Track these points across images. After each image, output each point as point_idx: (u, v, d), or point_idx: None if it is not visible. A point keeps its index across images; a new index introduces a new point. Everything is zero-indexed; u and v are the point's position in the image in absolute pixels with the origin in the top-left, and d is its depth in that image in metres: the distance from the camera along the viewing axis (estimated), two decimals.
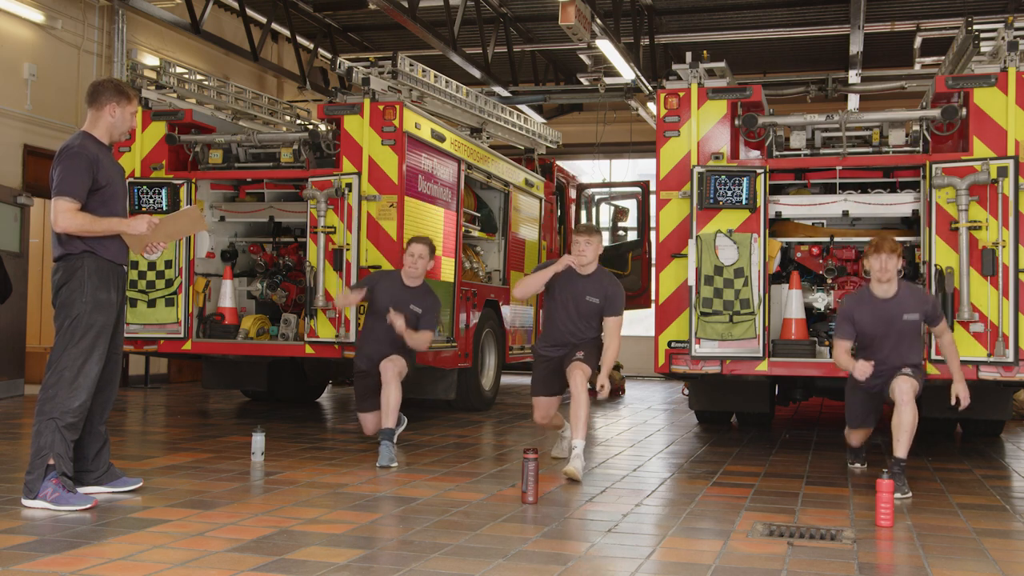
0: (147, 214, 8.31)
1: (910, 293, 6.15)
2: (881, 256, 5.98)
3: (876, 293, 6.10)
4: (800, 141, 7.75)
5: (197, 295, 8.67)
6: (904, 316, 6.06)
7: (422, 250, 7.05)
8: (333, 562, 3.93)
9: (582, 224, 6.47)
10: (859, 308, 6.14)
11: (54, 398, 4.96)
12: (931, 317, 6.14)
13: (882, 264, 5.98)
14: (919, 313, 6.08)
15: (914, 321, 6.08)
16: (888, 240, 6.01)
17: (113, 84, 5.24)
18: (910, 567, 4.16)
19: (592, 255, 6.33)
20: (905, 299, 6.09)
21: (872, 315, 6.08)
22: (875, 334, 6.09)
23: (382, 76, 8.71)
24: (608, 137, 16.93)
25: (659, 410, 10.92)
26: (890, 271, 5.99)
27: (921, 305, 6.11)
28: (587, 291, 6.36)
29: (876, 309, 6.08)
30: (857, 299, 6.22)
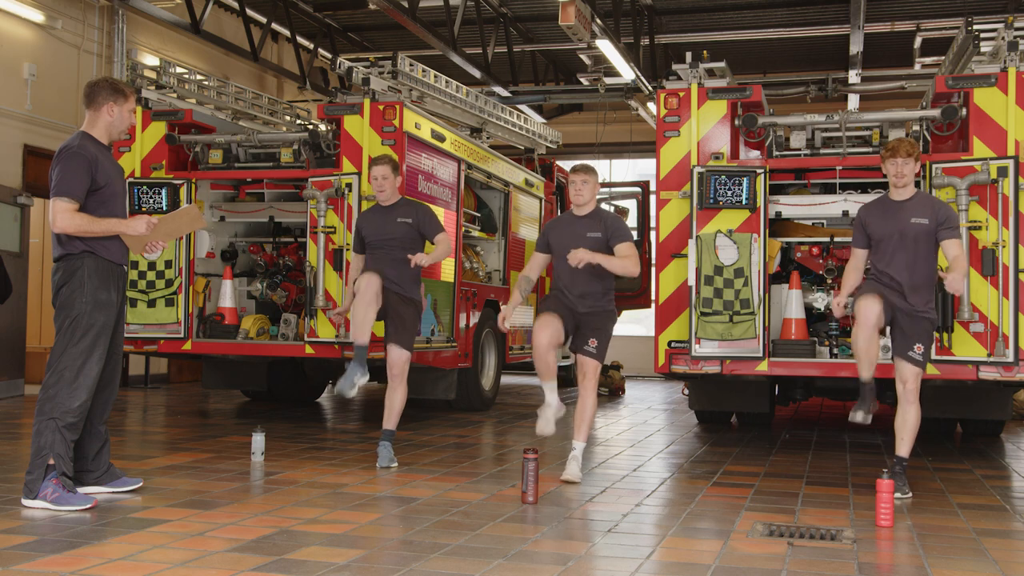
0: (146, 214, 8.35)
1: (924, 199, 5.94)
2: (897, 160, 5.78)
3: (892, 197, 5.93)
4: (800, 141, 7.75)
5: (197, 295, 8.67)
6: (912, 219, 5.80)
7: (383, 171, 6.75)
8: (333, 562, 3.93)
9: (579, 164, 6.30)
10: (871, 210, 5.99)
11: (54, 398, 4.96)
12: (940, 226, 5.76)
13: (898, 168, 5.78)
14: (928, 218, 5.78)
15: (923, 225, 5.78)
16: (905, 143, 5.80)
17: (109, 83, 5.24)
18: (910, 567, 4.16)
19: (589, 195, 6.16)
20: (917, 203, 5.85)
21: (882, 216, 5.89)
22: (883, 235, 5.86)
23: (382, 76, 8.71)
24: (608, 137, 16.93)
25: (659, 410, 10.92)
26: (906, 175, 5.79)
27: (932, 211, 5.81)
28: (587, 228, 6.16)
29: (887, 210, 5.89)
30: (871, 204, 6.08)
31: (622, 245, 6.10)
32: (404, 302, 6.68)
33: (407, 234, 6.76)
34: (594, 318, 6.16)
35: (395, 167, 6.85)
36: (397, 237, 6.74)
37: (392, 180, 6.79)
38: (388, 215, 6.81)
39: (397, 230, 6.75)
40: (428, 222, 6.84)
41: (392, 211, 6.82)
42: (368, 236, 6.83)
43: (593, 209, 6.25)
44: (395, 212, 6.82)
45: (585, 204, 6.20)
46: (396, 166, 6.87)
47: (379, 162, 6.82)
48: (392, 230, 6.75)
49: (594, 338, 6.13)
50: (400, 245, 6.72)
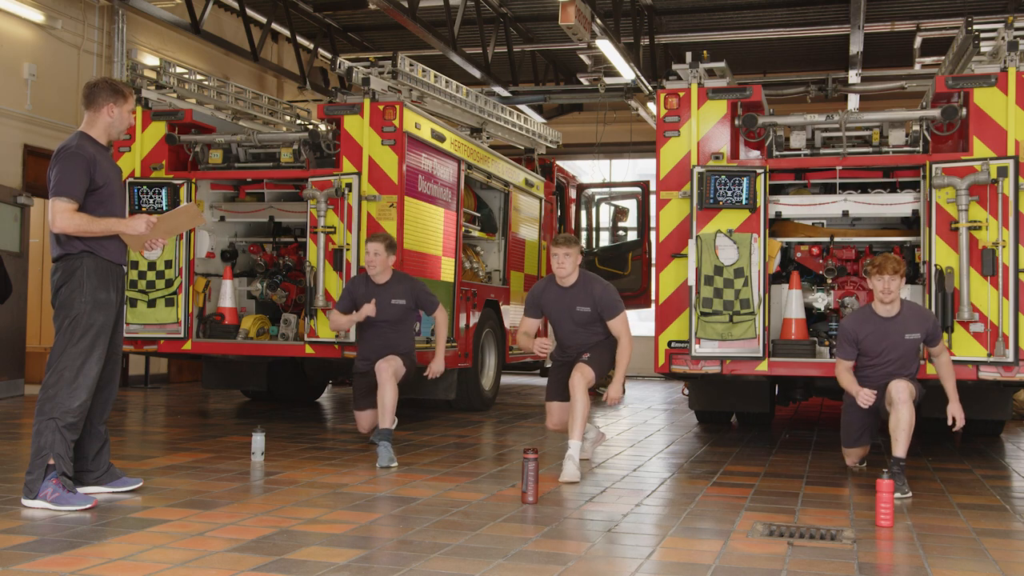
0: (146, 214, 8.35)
1: (912, 312, 6.16)
2: (884, 277, 5.97)
3: (879, 312, 6.10)
4: (800, 141, 7.75)
5: (197, 295, 8.67)
6: (906, 335, 6.07)
7: (376, 247, 7.01)
8: (333, 562, 3.93)
9: (559, 235, 6.47)
10: (862, 328, 6.13)
11: (54, 398, 4.96)
12: (931, 337, 6.14)
13: (885, 285, 5.98)
14: (920, 332, 6.09)
15: (915, 340, 6.10)
16: (891, 260, 5.99)
17: (108, 84, 5.23)
18: (910, 567, 4.16)
19: (571, 266, 6.35)
20: (907, 318, 6.10)
21: (875, 334, 6.09)
22: (877, 352, 6.10)
23: (382, 76, 8.71)
24: (608, 137, 16.93)
25: (659, 410, 10.92)
26: (893, 292, 5.99)
27: (923, 325, 6.11)
28: (576, 302, 6.39)
29: (879, 328, 6.09)
30: (859, 319, 6.21)
31: (615, 321, 6.41)
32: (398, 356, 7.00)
33: (402, 315, 7.08)
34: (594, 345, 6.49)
35: (390, 246, 7.07)
36: (390, 320, 7.06)
37: (384, 258, 7.02)
38: (381, 294, 7.05)
39: (391, 312, 7.05)
40: (424, 297, 7.15)
41: (384, 291, 7.05)
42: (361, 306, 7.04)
43: (579, 278, 6.43)
44: (389, 292, 7.05)
45: (567, 276, 6.39)
46: (392, 245, 7.10)
47: (375, 239, 7.07)
48: (386, 312, 7.03)
49: (589, 352, 6.42)
50: (393, 325, 7.08)
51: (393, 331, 7.10)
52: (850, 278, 7.98)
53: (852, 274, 7.98)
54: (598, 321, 6.43)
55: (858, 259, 7.96)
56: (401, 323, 7.14)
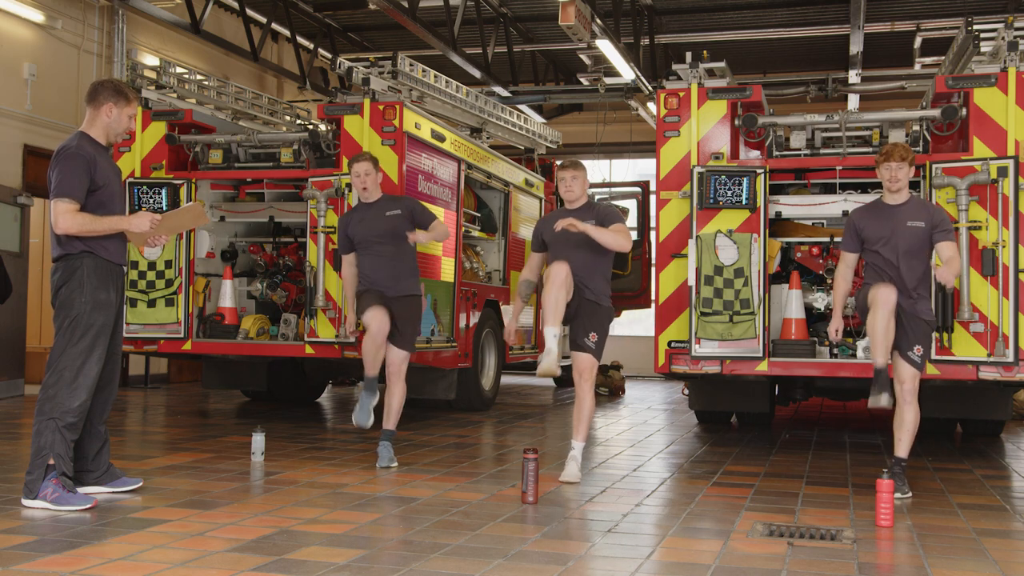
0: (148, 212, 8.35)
1: (918, 203, 5.96)
2: (891, 164, 5.78)
3: (886, 201, 5.94)
4: (800, 141, 7.75)
5: (197, 295, 8.67)
6: (908, 222, 5.81)
7: (364, 167, 6.67)
8: (333, 562, 3.93)
9: (567, 159, 6.29)
10: (865, 214, 5.98)
11: (54, 398, 4.96)
12: (937, 229, 5.79)
13: (892, 173, 5.79)
14: (924, 221, 5.80)
15: (919, 228, 5.80)
16: (898, 147, 5.79)
17: (112, 85, 5.23)
18: (910, 567, 4.16)
19: (579, 190, 6.20)
20: (912, 207, 5.88)
21: (877, 219, 5.90)
22: (878, 239, 5.87)
23: (382, 76, 8.71)
24: (608, 137, 16.93)
25: (659, 410, 10.92)
26: (900, 180, 5.79)
27: (927, 214, 5.84)
28: (581, 218, 6.09)
29: (882, 214, 5.90)
30: (864, 208, 6.06)
31: (613, 225, 6.10)
32: (404, 302, 6.66)
33: (398, 227, 6.68)
34: (595, 310, 6.14)
35: (376, 163, 6.81)
36: (388, 231, 6.66)
37: (375, 176, 6.74)
38: (374, 211, 6.75)
39: (386, 224, 6.68)
40: (419, 211, 6.81)
41: (377, 207, 6.76)
42: (356, 235, 6.74)
43: (585, 203, 6.28)
44: (380, 207, 6.76)
45: (576, 200, 6.24)
46: (376, 162, 6.83)
47: (360, 159, 6.75)
48: (380, 225, 6.68)
49: (595, 332, 6.12)
50: (392, 240, 6.67)
51: (394, 248, 6.65)
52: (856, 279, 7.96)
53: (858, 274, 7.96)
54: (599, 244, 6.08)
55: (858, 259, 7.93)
56: (398, 239, 6.67)
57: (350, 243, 6.81)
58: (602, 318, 6.17)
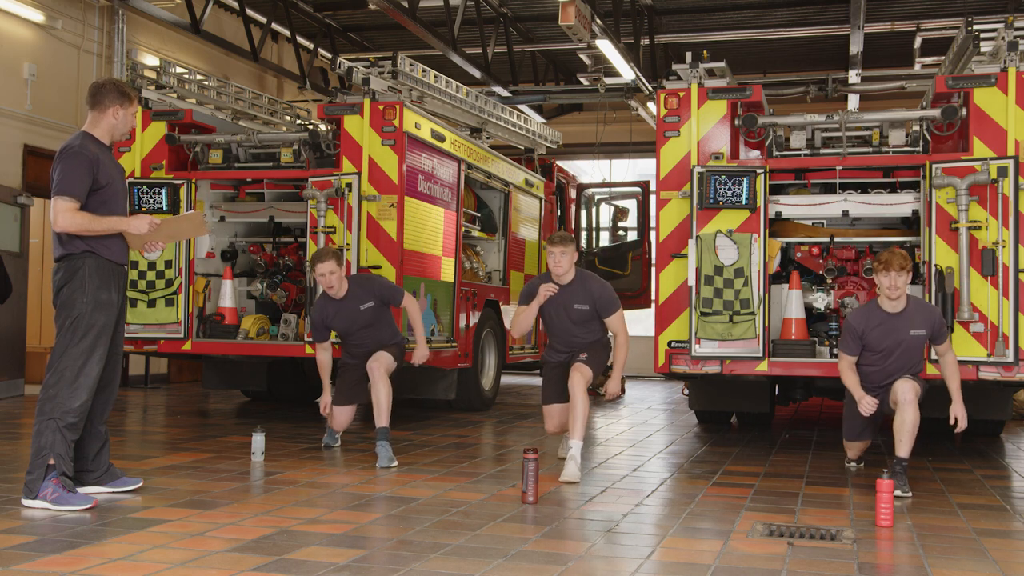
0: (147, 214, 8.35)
1: (918, 309, 6.12)
2: (891, 274, 5.92)
3: (884, 308, 6.07)
4: (800, 141, 7.75)
5: (197, 295, 8.67)
6: (911, 332, 6.03)
7: (328, 267, 6.76)
8: (333, 562, 3.93)
9: (555, 234, 6.39)
10: (867, 323, 6.09)
11: (55, 398, 4.95)
12: (937, 334, 6.08)
13: (892, 282, 5.93)
14: (926, 329, 6.05)
15: (921, 336, 6.05)
16: (897, 256, 5.94)
17: (115, 86, 5.24)
18: (910, 567, 4.16)
19: (567, 264, 6.33)
20: (913, 315, 6.05)
21: (880, 330, 6.05)
22: (881, 349, 6.06)
23: (382, 76, 8.71)
24: (608, 137, 16.93)
25: (659, 410, 10.92)
26: (900, 288, 5.94)
27: (929, 322, 6.07)
28: (574, 299, 6.37)
29: (884, 324, 6.04)
30: (865, 314, 6.16)
31: (612, 319, 6.44)
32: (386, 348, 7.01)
33: (374, 315, 6.98)
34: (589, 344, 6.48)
35: (339, 259, 6.86)
36: (369, 324, 6.99)
37: (339, 274, 6.87)
38: (348, 306, 6.95)
39: (364, 317, 6.97)
40: (387, 295, 7.04)
41: (350, 300, 6.95)
42: (338, 329, 7.02)
43: (575, 277, 6.41)
44: (354, 300, 6.95)
45: (565, 274, 6.37)
46: (340, 257, 6.89)
47: (323, 258, 6.80)
48: (359, 319, 6.96)
49: (586, 352, 6.39)
50: (370, 327, 6.99)
51: (374, 332, 7.01)
52: (850, 278, 7.98)
53: (852, 274, 7.98)
54: (595, 319, 6.43)
55: (858, 259, 7.95)
56: (378, 322, 7.02)
57: (326, 332, 7.06)
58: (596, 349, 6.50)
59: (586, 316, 6.40)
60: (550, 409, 6.61)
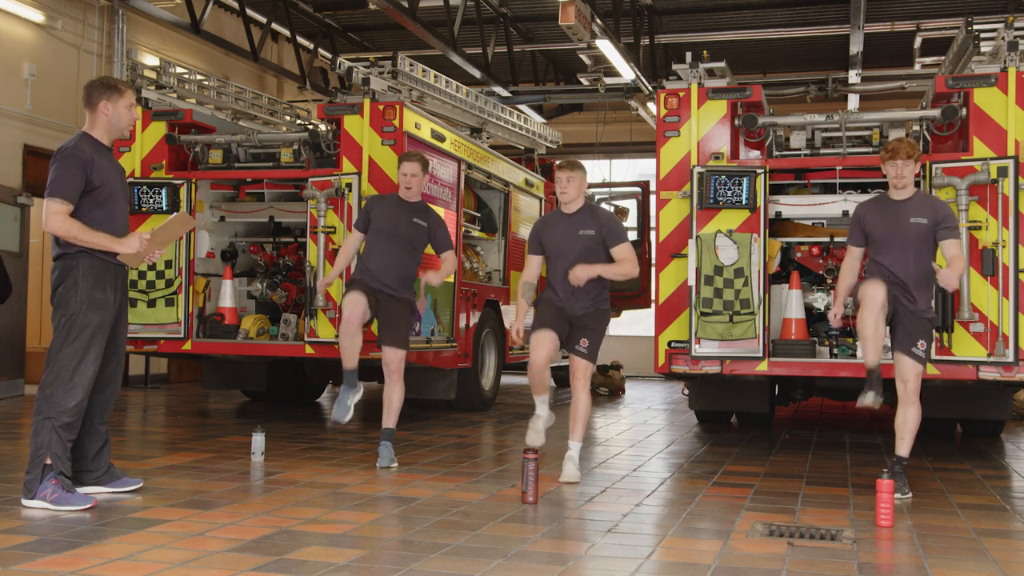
0: (146, 214, 8.36)
1: (923, 199, 5.91)
2: (897, 162, 5.74)
3: (891, 196, 5.90)
4: (800, 141, 7.75)
5: (197, 295, 8.67)
6: (912, 219, 5.77)
7: (413, 168, 6.67)
8: (333, 562, 3.93)
9: (565, 159, 6.16)
10: (869, 209, 5.94)
11: (50, 397, 4.95)
12: (940, 226, 5.74)
13: (898, 170, 5.75)
14: (927, 218, 5.76)
15: (922, 225, 5.75)
16: (904, 143, 5.75)
17: (101, 82, 5.20)
18: (910, 567, 4.16)
19: (575, 191, 6.05)
20: (917, 203, 5.82)
21: (881, 215, 5.86)
22: (882, 235, 5.83)
23: (382, 76, 8.71)
24: (608, 137, 16.93)
25: (659, 410, 10.92)
26: (906, 177, 5.75)
27: (931, 211, 5.78)
28: (580, 226, 6.05)
29: (886, 210, 5.86)
30: (870, 203, 6.02)
31: (619, 248, 6.02)
32: (397, 302, 6.65)
33: (418, 237, 6.71)
34: (588, 318, 6.09)
35: (425, 165, 6.79)
36: (408, 237, 6.68)
37: (420, 178, 6.72)
38: (406, 210, 6.73)
39: (411, 230, 6.69)
40: (442, 234, 6.82)
41: (411, 209, 6.74)
42: (379, 221, 6.69)
43: (583, 205, 6.16)
44: (413, 211, 6.74)
45: (572, 201, 6.11)
46: (426, 164, 6.83)
47: (410, 158, 6.72)
48: (407, 228, 6.68)
49: (585, 338, 6.04)
50: (409, 245, 6.68)
51: (406, 253, 6.68)
52: None
53: None
54: (600, 249, 6.04)
55: None
56: (414, 248, 6.73)
57: (367, 223, 6.75)
58: (596, 322, 6.14)
59: (592, 243, 6.02)
60: (540, 335, 5.96)
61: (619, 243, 6.03)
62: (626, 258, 6.01)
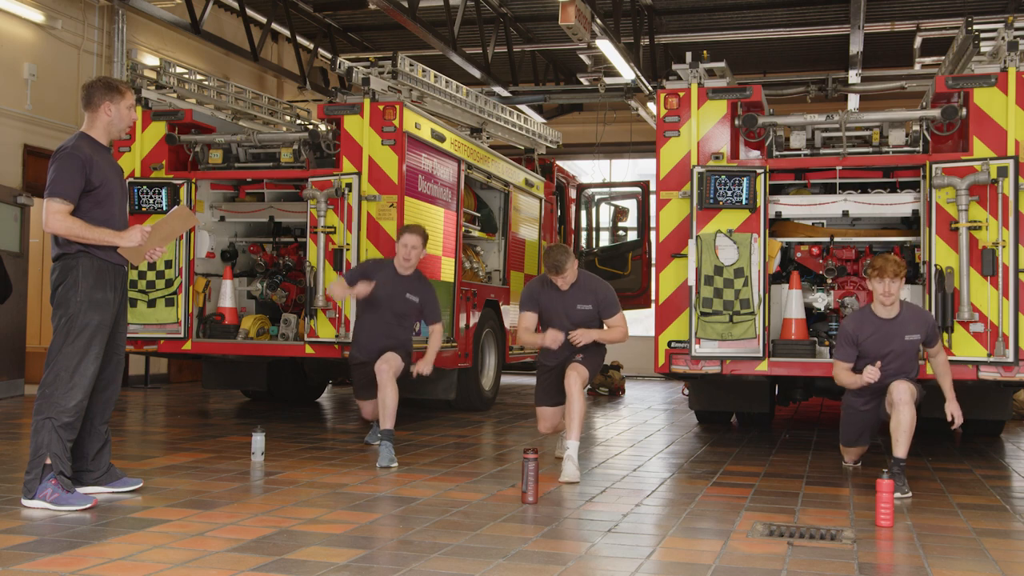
0: (146, 214, 8.35)
1: (912, 314, 6.15)
2: (885, 281, 5.95)
3: (878, 314, 6.09)
4: (800, 141, 7.75)
5: (197, 295, 8.67)
6: (906, 336, 6.06)
7: (415, 240, 6.97)
8: (333, 562, 3.93)
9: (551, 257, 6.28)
10: (862, 329, 6.11)
11: (50, 397, 4.95)
12: (930, 338, 6.13)
13: (886, 288, 5.96)
14: (920, 334, 6.09)
15: (915, 341, 6.09)
16: (891, 263, 5.96)
17: (103, 82, 5.21)
18: (910, 567, 4.16)
19: (571, 277, 6.32)
20: (907, 320, 6.08)
21: (875, 336, 6.07)
22: (876, 354, 6.06)
23: (382, 76, 8.71)
24: (608, 137, 16.94)
25: (659, 410, 10.92)
26: (894, 295, 5.98)
27: (923, 326, 6.11)
28: (576, 300, 6.37)
29: (879, 330, 6.07)
30: (859, 320, 6.18)
31: (613, 319, 6.42)
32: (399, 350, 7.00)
33: (409, 312, 7.06)
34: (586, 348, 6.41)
35: (425, 239, 7.05)
36: (400, 312, 7.04)
37: (419, 252, 7.01)
38: (400, 285, 7.02)
39: (403, 306, 7.04)
40: (431, 307, 7.11)
41: (406, 283, 7.02)
42: (375, 292, 6.96)
43: (579, 279, 6.40)
44: (408, 286, 7.02)
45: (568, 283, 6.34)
46: (426, 238, 7.09)
47: (412, 231, 7.00)
48: (400, 304, 7.02)
49: (582, 353, 6.35)
50: (401, 318, 7.05)
51: (397, 324, 7.06)
52: (850, 278, 7.98)
53: (852, 274, 7.97)
54: (596, 320, 6.43)
55: (858, 259, 7.95)
56: (406, 319, 7.11)
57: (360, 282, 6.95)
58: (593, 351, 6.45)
59: (588, 316, 6.39)
60: (543, 411, 6.60)
61: (612, 315, 6.43)
62: (619, 325, 6.44)
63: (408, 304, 7.05)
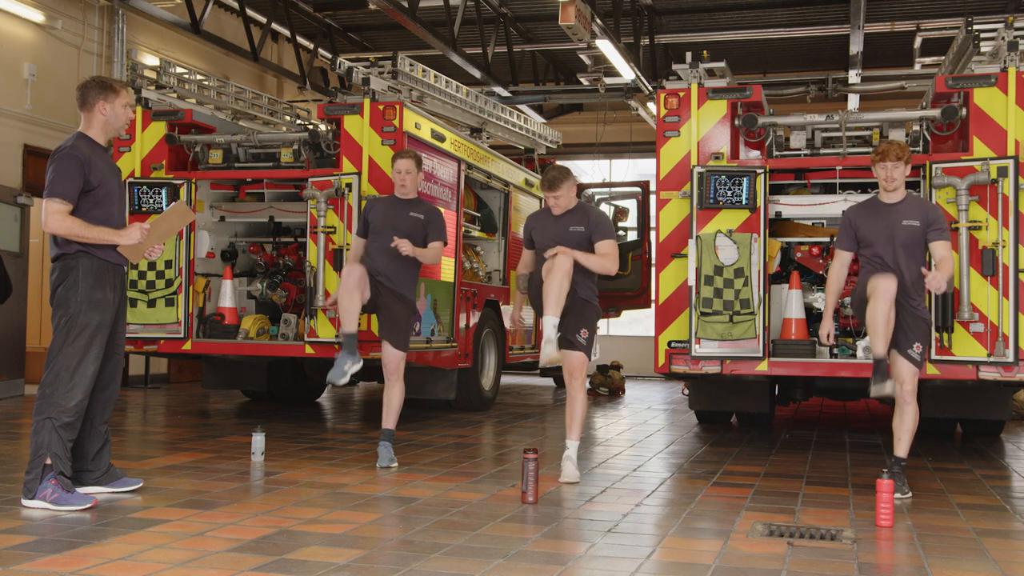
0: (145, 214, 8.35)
1: (914, 201, 5.90)
2: (887, 164, 5.73)
3: (882, 199, 5.90)
4: (800, 141, 7.75)
5: (197, 295, 8.67)
6: (904, 221, 5.77)
7: (408, 165, 6.77)
8: (333, 562, 3.93)
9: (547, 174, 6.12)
10: (860, 212, 5.94)
11: (50, 397, 4.95)
12: (932, 228, 5.74)
13: (887, 172, 5.74)
14: (919, 220, 5.76)
15: (914, 227, 5.76)
16: (894, 146, 5.73)
17: (97, 82, 5.21)
18: (910, 567, 4.16)
19: (566, 203, 6.13)
20: (908, 206, 5.83)
21: (873, 218, 5.86)
22: (874, 239, 5.84)
23: (382, 76, 8.71)
24: (608, 137, 16.94)
25: (659, 410, 10.92)
26: (896, 179, 5.75)
27: (922, 213, 5.79)
28: (570, 223, 6.12)
29: (877, 212, 5.86)
30: (860, 206, 6.01)
31: (603, 243, 6.09)
32: (397, 299, 6.66)
33: (414, 230, 6.73)
34: (584, 307, 6.13)
35: (419, 162, 6.87)
36: (404, 230, 6.69)
37: (415, 175, 6.82)
38: (401, 207, 6.80)
39: (406, 223, 6.73)
40: (437, 226, 6.85)
41: (407, 205, 6.82)
42: (375, 221, 6.77)
43: (578, 204, 6.25)
44: (409, 206, 6.82)
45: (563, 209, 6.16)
46: (420, 161, 6.90)
47: (404, 155, 6.83)
48: (401, 222, 6.71)
49: (585, 329, 6.10)
50: (406, 237, 6.64)
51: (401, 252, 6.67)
52: (850, 278, 7.96)
53: (852, 274, 7.96)
54: (587, 244, 6.11)
55: (857, 260, 7.93)
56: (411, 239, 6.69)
57: (367, 227, 6.84)
58: (592, 316, 6.19)
59: (579, 239, 6.11)
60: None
61: (604, 239, 6.09)
62: (607, 253, 6.07)
63: (412, 221, 6.74)
